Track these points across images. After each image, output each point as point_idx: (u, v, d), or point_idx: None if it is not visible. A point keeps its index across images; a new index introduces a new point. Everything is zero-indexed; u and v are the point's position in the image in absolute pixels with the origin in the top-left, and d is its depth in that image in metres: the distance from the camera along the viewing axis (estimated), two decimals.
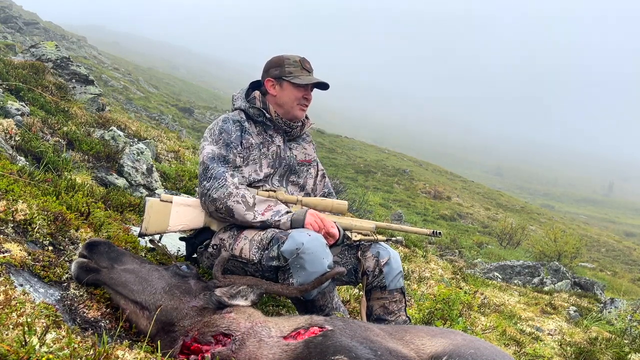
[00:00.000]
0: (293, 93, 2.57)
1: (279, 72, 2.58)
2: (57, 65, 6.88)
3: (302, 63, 2.58)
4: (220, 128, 2.48)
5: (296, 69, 2.56)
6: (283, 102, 2.59)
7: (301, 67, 2.57)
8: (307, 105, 2.64)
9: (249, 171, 2.49)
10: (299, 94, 2.57)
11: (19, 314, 1.41)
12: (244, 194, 2.30)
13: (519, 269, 9.08)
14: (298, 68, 2.56)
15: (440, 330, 1.92)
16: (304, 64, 2.58)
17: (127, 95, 21.49)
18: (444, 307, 3.24)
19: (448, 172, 35.40)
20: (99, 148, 4.35)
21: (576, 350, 4.17)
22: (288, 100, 2.58)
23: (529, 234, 17.73)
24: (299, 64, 2.57)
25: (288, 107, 2.59)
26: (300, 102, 2.59)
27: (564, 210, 50.88)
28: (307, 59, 2.63)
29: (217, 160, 2.38)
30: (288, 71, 2.56)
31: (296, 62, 2.57)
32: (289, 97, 2.57)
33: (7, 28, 21.14)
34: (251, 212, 2.27)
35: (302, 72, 2.57)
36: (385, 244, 2.58)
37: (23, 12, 36.30)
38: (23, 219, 2.01)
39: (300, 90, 2.57)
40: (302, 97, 2.58)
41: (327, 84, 2.61)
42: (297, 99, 2.58)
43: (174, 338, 1.77)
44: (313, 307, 2.28)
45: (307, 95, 2.60)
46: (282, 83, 2.57)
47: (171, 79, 53.43)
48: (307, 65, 2.59)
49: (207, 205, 2.33)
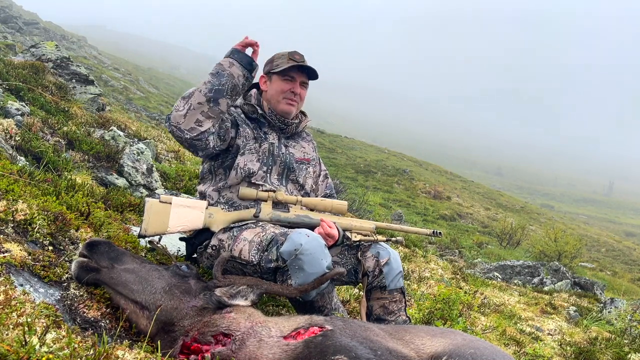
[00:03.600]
0: (279, 85, 2.55)
1: (269, 67, 2.60)
2: (57, 65, 6.88)
3: (291, 55, 2.54)
4: None
5: (283, 61, 2.54)
6: (270, 96, 2.59)
7: (288, 58, 2.53)
8: (295, 100, 2.58)
9: (244, 160, 2.47)
10: (286, 87, 2.54)
11: (19, 314, 1.41)
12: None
13: (519, 269, 9.08)
14: (285, 59, 2.54)
15: (440, 330, 1.92)
16: (292, 55, 2.54)
17: (127, 95, 21.48)
18: (444, 307, 3.24)
19: (448, 172, 35.38)
20: (99, 148, 4.35)
21: (576, 350, 4.17)
22: (275, 93, 2.57)
23: (529, 234, 17.72)
24: (287, 56, 2.54)
25: (274, 100, 2.57)
26: (286, 96, 2.55)
27: (564, 210, 50.86)
28: (300, 52, 2.57)
29: None
30: (276, 64, 2.56)
31: (284, 55, 2.56)
32: (275, 89, 2.56)
33: (7, 28, 21.14)
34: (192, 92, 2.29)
35: (288, 62, 2.52)
36: (385, 244, 2.57)
37: (23, 12, 36.31)
38: (23, 219, 2.01)
39: (287, 83, 2.54)
40: (288, 90, 2.54)
41: (312, 69, 2.55)
42: (283, 91, 2.54)
43: (174, 338, 1.77)
44: (312, 308, 2.27)
45: (294, 88, 2.55)
46: (271, 77, 2.59)
47: (171, 79, 53.42)
48: (295, 57, 2.54)
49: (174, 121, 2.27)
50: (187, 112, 2.25)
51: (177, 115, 2.25)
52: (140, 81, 30.87)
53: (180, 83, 51.75)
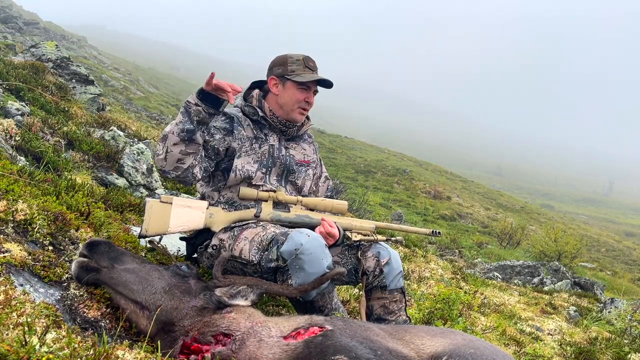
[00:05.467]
0: (295, 94, 2.51)
1: (281, 71, 2.52)
2: (57, 65, 6.88)
3: (306, 61, 2.51)
4: None
5: (299, 67, 2.50)
6: (284, 103, 2.54)
7: (304, 65, 2.50)
8: (307, 110, 2.58)
9: (242, 162, 2.47)
10: (301, 96, 2.51)
11: (19, 314, 1.41)
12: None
13: (519, 269, 9.08)
14: (301, 66, 2.50)
15: (440, 330, 1.92)
16: (307, 62, 2.51)
17: (127, 95, 21.48)
18: (444, 307, 3.24)
19: (448, 172, 35.38)
20: (99, 148, 4.35)
21: (576, 350, 4.17)
22: (289, 101, 2.53)
23: (529, 234, 17.72)
24: (302, 62, 2.51)
25: (288, 108, 2.54)
26: (300, 105, 2.53)
27: (564, 210, 50.83)
28: (312, 58, 2.56)
29: None
30: (291, 69, 2.50)
31: (299, 61, 2.51)
32: (290, 97, 2.52)
33: (7, 28, 21.12)
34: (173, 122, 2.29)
35: (304, 70, 2.50)
36: (385, 244, 2.57)
37: (23, 12, 36.30)
38: (23, 219, 2.01)
39: (302, 92, 2.51)
40: (303, 99, 2.52)
41: (330, 82, 2.54)
42: (298, 101, 2.52)
43: (174, 338, 1.77)
44: (312, 308, 2.27)
45: (308, 98, 2.54)
46: (285, 82, 2.52)
47: (171, 79, 53.41)
48: (310, 64, 2.52)
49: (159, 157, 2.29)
50: (165, 155, 2.27)
51: (158, 159, 2.30)
52: (140, 81, 30.87)
53: (180, 83, 51.76)
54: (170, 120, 14.91)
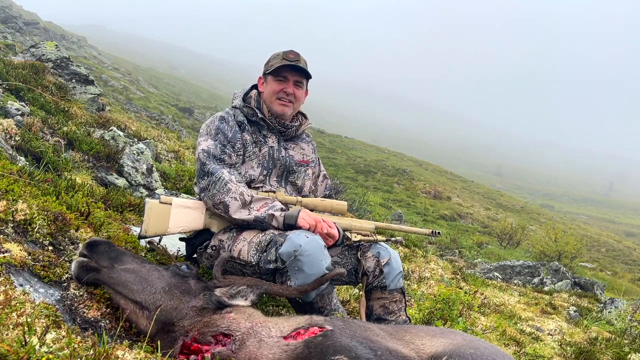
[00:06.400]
0: (272, 86, 2.52)
1: (265, 68, 2.57)
2: (57, 65, 6.87)
3: (285, 54, 2.50)
4: (217, 126, 2.46)
5: (277, 61, 2.50)
6: (265, 97, 2.56)
7: (282, 57, 2.49)
8: (289, 101, 2.53)
9: (245, 168, 2.48)
10: (277, 87, 2.51)
11: (19, 314, 1.41)
12: (242, 191, 2.29)
13: (519, 269, 9.08)
14: (279, 59, 2.50)
15: (440, 330, 1.92)
16: (286, 55, 2.50)
17: (127, 95, 21.48)
18: (444, 307, 3.24)
19: (448, 172, 35.39)
20: (99, 148, 4.35)
21: (576, 350, 4.17)
22: (268, 94, 2.54)
23: (529, 234, 17.73)
24: (281, 55, 2.51)
25: (269, 102, 2.55)
26: (278, 96, 2.51)
27: (564, 210, 50.85)
28: (295, 51, 2.53)
29: (212, 156, 2.37)
30: (271, 64, 2.52)
31: (279, 55, 2.52)
32: (268, 90, 2.54)
33: (7, 28, 21.12)
34: (246, 209, 2.27)
35: (282, 62, 2.48)
36: (385, 244, 2.57)
37: (23, 12, 36.31)
38: (23, 219, 2.01)
39: (279, 83, 2.51)
40: (280, 90, 2.50)
41: (301, 67, 2.48)
42: (275, 92, 2.51)
43: (174, 338, 1.77)
44: (312, 309, 2.27)
45: (286, 88, 2.51)
46: (267, 77, 2.56)
47: (171, 79, 53.41)
48: (290, 56, 2.49)
49: (206, 200, 2.34)
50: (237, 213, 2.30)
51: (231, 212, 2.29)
52: (140, 81, 30.88)
53: (180, 83, 51.77)
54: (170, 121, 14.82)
